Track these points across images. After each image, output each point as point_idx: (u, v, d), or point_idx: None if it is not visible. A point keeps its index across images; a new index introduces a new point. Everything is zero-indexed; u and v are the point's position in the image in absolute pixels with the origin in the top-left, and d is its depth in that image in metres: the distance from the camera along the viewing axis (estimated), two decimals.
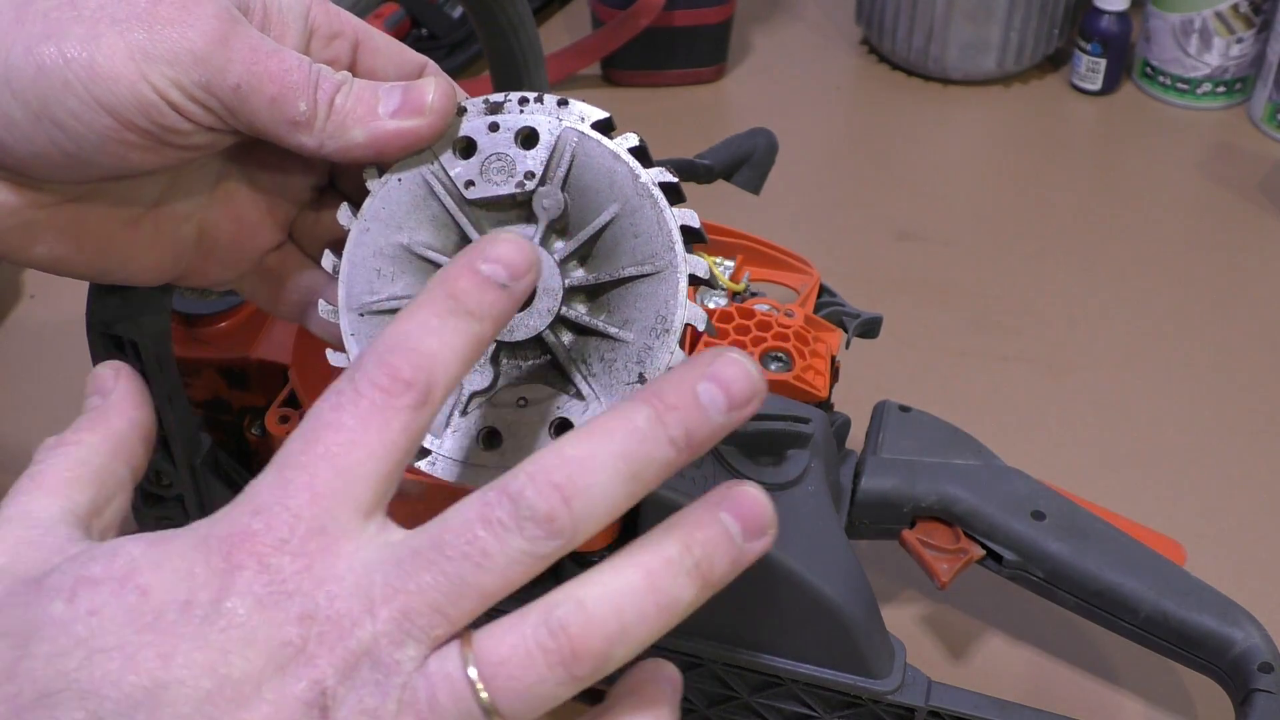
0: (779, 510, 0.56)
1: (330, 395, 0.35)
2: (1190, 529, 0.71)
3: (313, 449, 0.34)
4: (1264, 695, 0.57)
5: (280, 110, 0.42)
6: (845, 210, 1.02)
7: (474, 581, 0.33)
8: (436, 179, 0.44)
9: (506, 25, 0.72)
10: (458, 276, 0.36)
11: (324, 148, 0.43)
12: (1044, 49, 1.14)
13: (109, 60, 0.40)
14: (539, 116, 0.44)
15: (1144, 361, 0.88)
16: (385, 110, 0.43)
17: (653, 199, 0.42)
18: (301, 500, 0.33)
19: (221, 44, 0.41)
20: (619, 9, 1.10)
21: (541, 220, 0.42)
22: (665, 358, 0.41)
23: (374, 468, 0.34)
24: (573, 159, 0.43)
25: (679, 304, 0.41)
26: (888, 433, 0.65)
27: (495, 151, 0.44)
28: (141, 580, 0.32)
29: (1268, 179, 1.04)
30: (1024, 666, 0.68)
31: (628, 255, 0.42)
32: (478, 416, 0.41)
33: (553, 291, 0.41)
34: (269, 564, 0.32)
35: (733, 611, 0.57)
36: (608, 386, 0.40)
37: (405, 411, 0.34)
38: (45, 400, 0.83)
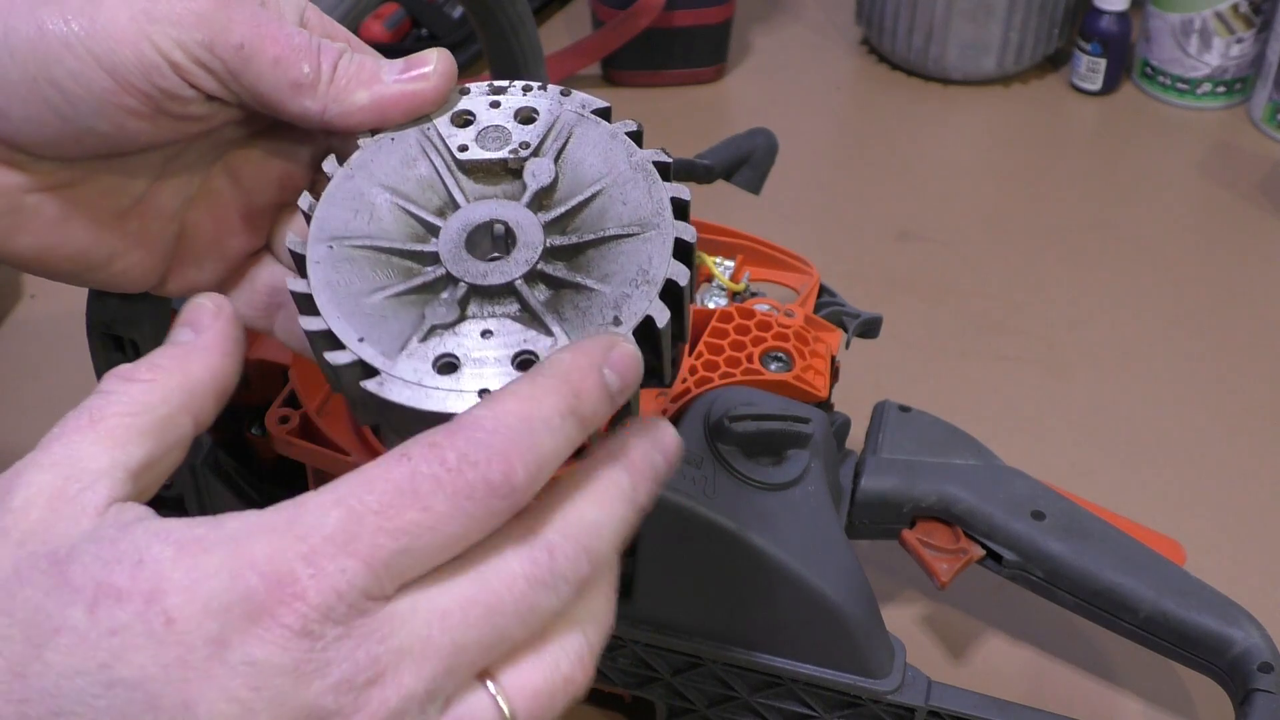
0: (779, 510, 0.56)
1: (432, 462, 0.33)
2: (1190, 529, 0.71)
3: (388, 516, 0.32)
4: (1264, 695, 0.57)
5: (284, 71, 0.41)
6: (845, 210, 1.02)
7: (513, 637, 0.33)
8: (430, 140, 0.43)
9: (506, 25, 0.72)
10: (585, 373, 0.35)
11: (327, 111, 0.42)
12: (1044, 49, 1.14)
13: (111, 20, 0.40)
14: (540, 100, 0.44)
15: (1144, 361, 0.88)
16: (388, 76, 0.43)
17: (645, 171, 0.42)
18: (357, 567, 0.31)
19: (224, 6, 0.41)
20: (619, 9, 1.10)
21: (531, 187, 0.42)
22: (643, 305, 0.39)
23: (439, 556, 0.33)
24: (569, 136, 0.43)
25: (664, 260, 0.40)
26: (888, 433, 0.65)
27: (493, 124, 0.44)
28: (170, 604, 0.31)
29: (1268, 179, 1.04)
30: (1024, 666, 0.68)
31: (614, 220, 0.41)
32: (436, 344, 0.39)
33: (533, 245, 0.40)
34: (311, 630, 0.31)
35: (733, 611, 0.57)
36: (578, 328, 0.39)
37: (499, 518, 0.33)
38: (45, 400, 0.83)
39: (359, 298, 0.40)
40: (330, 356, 0.38)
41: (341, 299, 0.39)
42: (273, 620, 0.31)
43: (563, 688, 0.34)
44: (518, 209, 0.41)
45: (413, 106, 0.43)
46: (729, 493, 0.56)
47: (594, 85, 1.14)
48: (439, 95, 0.43)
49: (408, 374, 0.38)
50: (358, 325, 0.39)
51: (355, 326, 0.39)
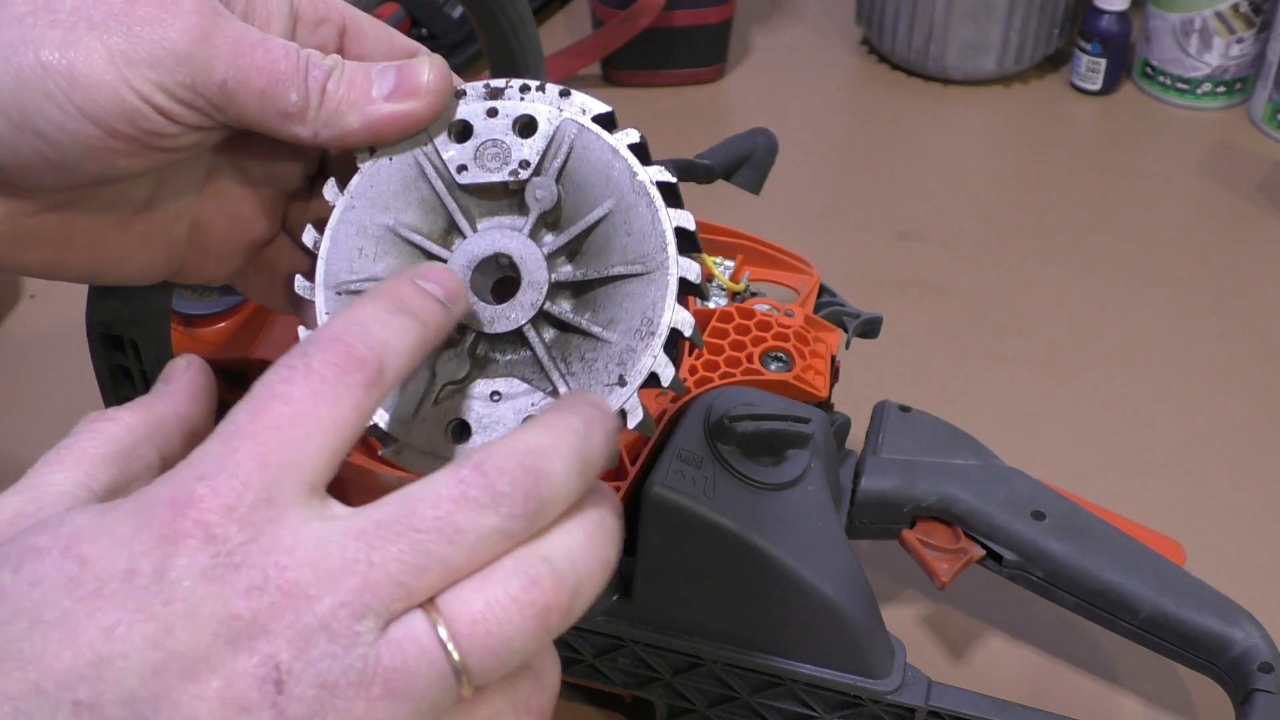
0: (779, 510, 0.56)
1: (280, 369, 0.34)
2: (1190, 529, 0.71)
3: (260, 419, 0.33)
4: (1264, 695, 0.57)
5: (271, 103, 0.41)
6: (845, 210, 1.02)
7: (441, 556, 0.33)
8: (429, 161, 0.43)
9: (506, 25, 0.72)
10: (399, 284, 0.37)
11: (318, 137, 0.42)
12: (1044, 49, 1.14)
13: (88, 66, 0.39)
14: (539, 105, 0.43)
15: (1144, 361, 0.88)
16: (379, 93, 0.42)
17: (649, 198, 0.41)
18: (249, 468, 0.32)
19: (203, 40, 0.40)
20: (619, 9, 1.10)
21: (533, 211, 0.41)
22: (648, 361, 0.39)
23: (323, 443, 0.33)
24: (570, 151, 0.42)
25: (667, 307, 0.40)
26: (888, 433, 0.65)
27: (491, 138, 0.43)
28: (83, 550, 0.32)
29: (1268, 179, 1.04)
30: (1024, 666, 0.68)
31: (618, 254, 0.41)
32: (449, 407, 0.39)
33: (538, 285, 0.40)
34: (214, 533, 0.32)
35: (733, 611, 0.57)
36: (586, 386, 0.39)
37: (357, 389, 0.34)
38: (45, 400, 0.83)
39: None
40: None
41: None
42: (174, 532, 0.32)
43: (514, 611, 0.33)
44: (521, 241, 0.41)
45: (405, 125, 0.43)
46: (729, 493, 0.56)
47: (594, 85, 1.14)
48: (432, 115, 0.43)
49: (423, 443, 0.39)
50: None
51: None
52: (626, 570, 0.58)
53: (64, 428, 0.39)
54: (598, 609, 0.59)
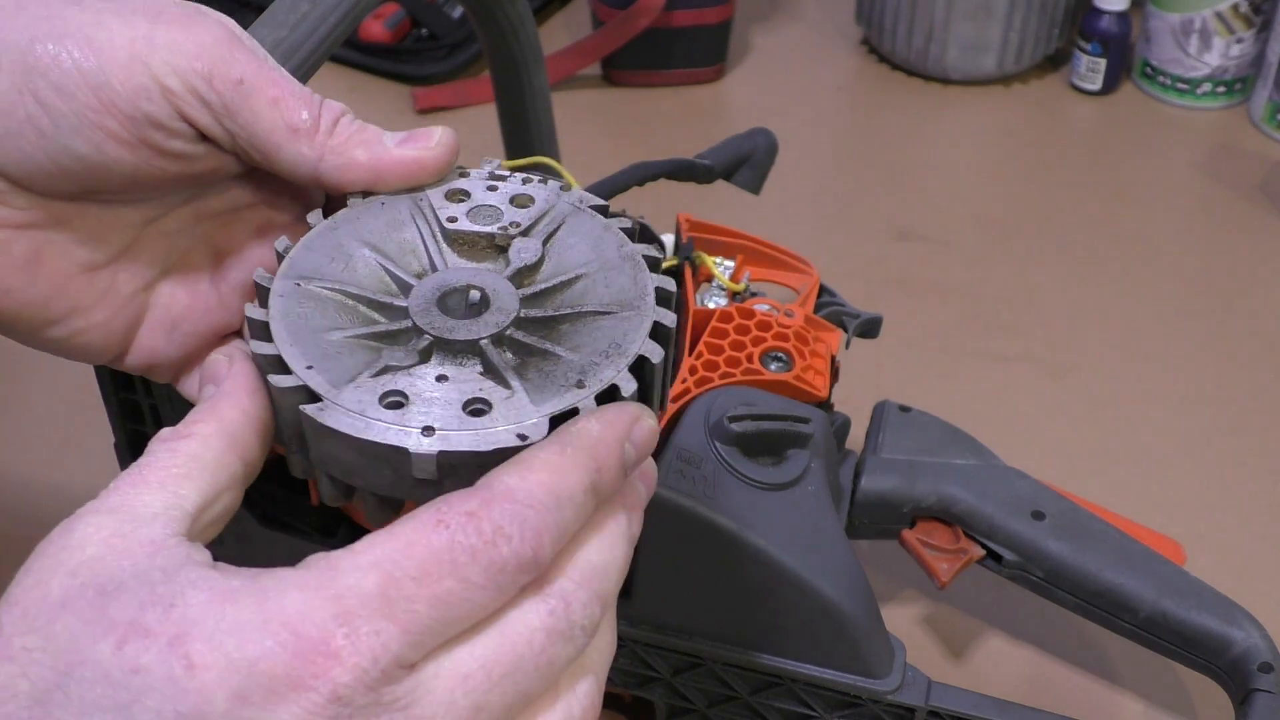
0: (779, 510, 0.56)
1: (467, 528, 0.33)
2: (1190, 529, 0.71)
3: (428, 583, 0.32)
4: (1264, 695, 0.57)
5: (282, 112, 0.40)
6: (845, 210, 1.02)
7: (532, 692, 0.33)
8: (420, 210, 0.43)
9: (506, 25, 0.72)
10: (609, 454, 0.36)
11: (323, 162, 0.41)
12: (1044, 49, 1.14)
13: (107, 40, 0.39)
14: (538, 190, 0.44)
15: (1144, 361, 0.88)
16: (390, 141, 0.42)
17: (635, 263, 0.41)
18: (396, 636, 0.31)
19: (227, 44, 0.40)
20: (619, 9, 1.10)
21: (515, 264, 0.41)
22: (610, 373, 0.38)
23: (468, 620, 0.33)
24: (561, 223, 0.43)
25: (639, 337, 0.39)
26: (888, 433, 0.65)
27: (487, 203, 0.43)
28: (193, 650, 0.30)
29: (1268, 179, 1.04)
30: (1024, 666, 0.68)
31: (593, 300, 0.41)
32: (388, 380, 0.38)
33: (506, 310, 0.40)
34: (340, 694, 0.30)
35: (733, 611, 0.57)
36: (540, 387, 0.38)
37: (522, 586, 0.33)
38: (45, 401, 0.83)
39: (316, 333, 0.39)
40: (274, 380, 0.38)
41: (298, 330, 0.39)
42: (304, 683, 0.30)
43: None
44: (497, 279, 0.41)
45: (411, 173, 0.42)
46: (729, 493, 0.56)
47: (594, 85, 1.14)
48: (439, 165, 0.43)
49: (351, 403, 0.37)
50: (309, 355, 0.38)
51: (306, 356, 0.38)
52: None
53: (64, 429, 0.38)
54: None
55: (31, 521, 0.74)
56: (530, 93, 0.78)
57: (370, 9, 0.63)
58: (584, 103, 1.12)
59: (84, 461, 0.75)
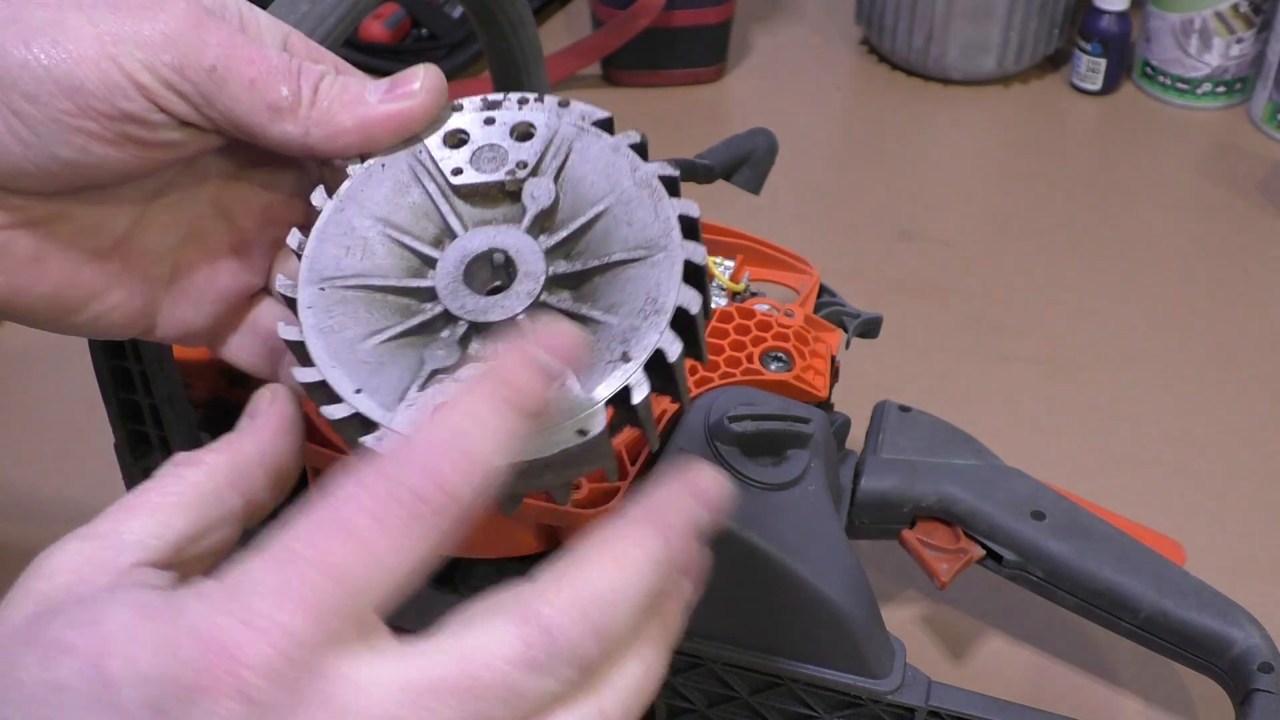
0: (779, 510, 0.56)
1: (356, 485, 0.31)
2: (1190, 529, 0.71)
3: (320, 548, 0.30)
4: (1264, 695, 0.57)
5: (260, 94, 0.39)
6: (845, 210, 1.02)
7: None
8: (422, 165, 0.41)
9: (506, 25, 0.72)
10: (515, 370, 0.33)
11: (309, 136, 0.40)
12: (1044, 49, 1.14)
13: (74, 41, 0.38)
14: (537, 114, 0.42)
15: (1144, 361, 0.88)
16: (373, 96, 0.41)
17: (651, 189, 0.40)
18: (301, 620, 0.30)
19: (196, 28, 0.39)
20: (619, 9, 1.10)
21: (530, 210, 0.40)
22: (653, 337, 0.37)
23: (391, 588, 0.31)
24: (569, 152, 0.41)
25: (672, 286, 0.38)
26: (888, 433, 0.65)
27: (488, 143, 0.42)
28: (112, 666, 0.29)
29: (1268, 179, 1.04)
30: (1024, 666, 0.68)
31: (619, 243, 0.39)
32: (437, 391, 0.37)
33: (534, 275, 0.38)
34: (252, 695, 0.29)
35: (733, 611, 0.57)
36: (585, 365, 0.37)
37: (443, 530, 0.31)
38: (43, 403, 0.83)
39: (354, 344, 0.38)
40: (327, 411, 0.37)
41: (336, 346, 0.38)
42: (213, 687, 0.29)
43: None
44: (518, 236, 0.40)
45: (400, 126, 0.41)
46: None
47: (594, 85, 1.14)
48: (427, 113, 0.41)
49: (409, 428, 0.36)
50: (354, 375, 0.37)
51: (352, 376, 0.37)
52: None
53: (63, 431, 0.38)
54: None
55: (31, 522, 0.74)
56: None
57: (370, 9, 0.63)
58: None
59: (84, 461, 0.75)
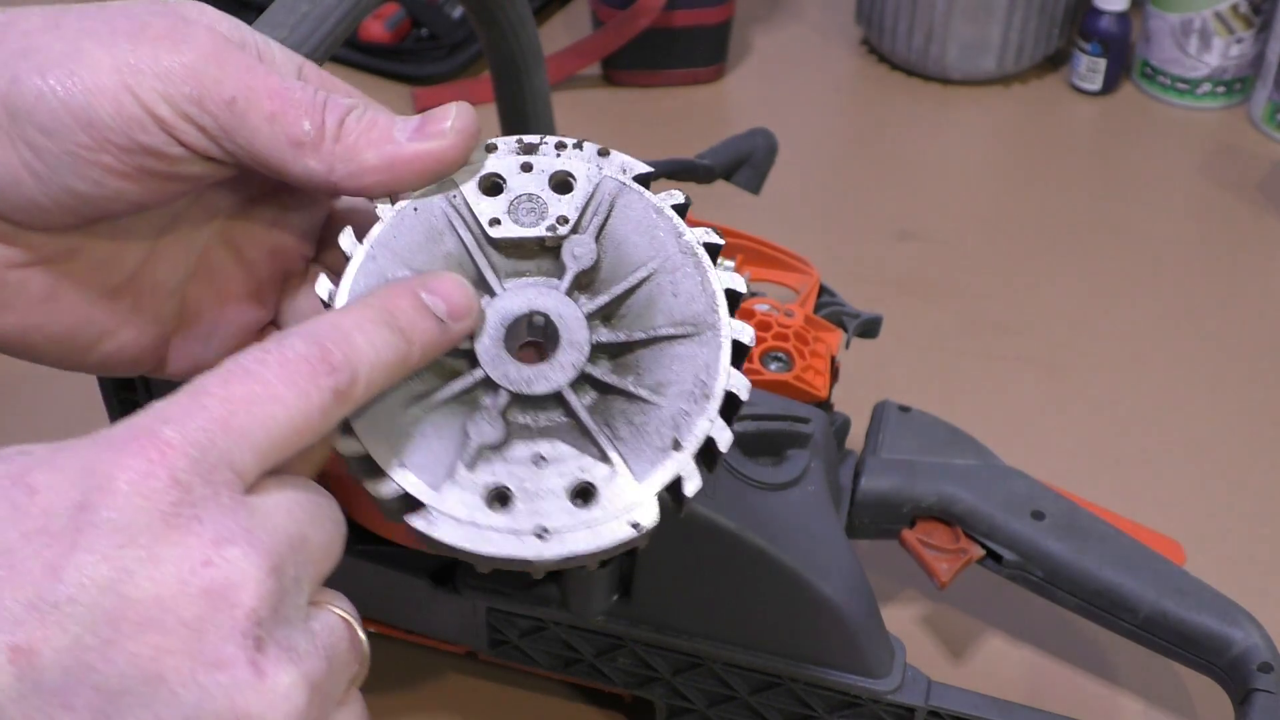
0: (779, 510, 0.56)
1: (255, 350, 0.34)
2: (1190, 529, 0.71)
3: (230, 387, 0.33)
4: (1263, 695, 0.57)
5: (281, 127, 0.38)
6: (845, 210, 1.02)
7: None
8: (457, 212, 0.40)
9: (506, 26, 0.72)
10: (396, 294, 0.36)
11: (334, 173, 0.38)
12: (1044, 49, 1.14)
13: (91, 72, 0.37)
14: (577, 163, 0.41)
15: (1144, 361, 0.88)
16: (402, 134, 0.39)
17: (696, 258, 0.39)
18: (215, 428, 0.32)
19: (215, 59, 0.38)
20: (619, 9, 1.10)
21: (571, 269, 0.39)
22: (704, 425, 0.36)
23: (286, 428, 0.33)
24: (611, 209, 0.40)
25: (721, 370, 0.37)
26: (888, 433, 0.65)
27: (526, 192, 0.40)
28: (33, 479, 0.30)
29: (1268, 179, 1.04)
30: (1024, 666, 0.68)
31: (664, 315, 0.38)
32: (487, 472, 0.36)
33: (578, 345, 0.37)
34: (180, 479, 0.31)
35: (733, 611, 0.57)
36: (636, 450, 0.36)
37: (328, 392, 0.34)
38: (44, 401, 0.83)
39: (394, 412, 0.37)
40: (371, 488, 0.36)
41: (376, 415, 0.36)
42: (136, 469, 0.30)
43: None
44: (559, 299, 0.38)
45: (429, 167, 0.39)
46: (729, 493, 0.56)
47: (594, 85, 1.14)
48: (459, 155, 0.40)
49: (458, 510, 0.36)
50: (397, 447, 0.36)
51: (395, 449, 0.36)
52: (626, 570, 0.58)
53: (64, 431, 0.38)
54: (598, 609, 0.59)
55: None
56: (530, 93, 0.78)
57: (370, 9, 0.63)
58: (584, 103, 1.12)
59: None
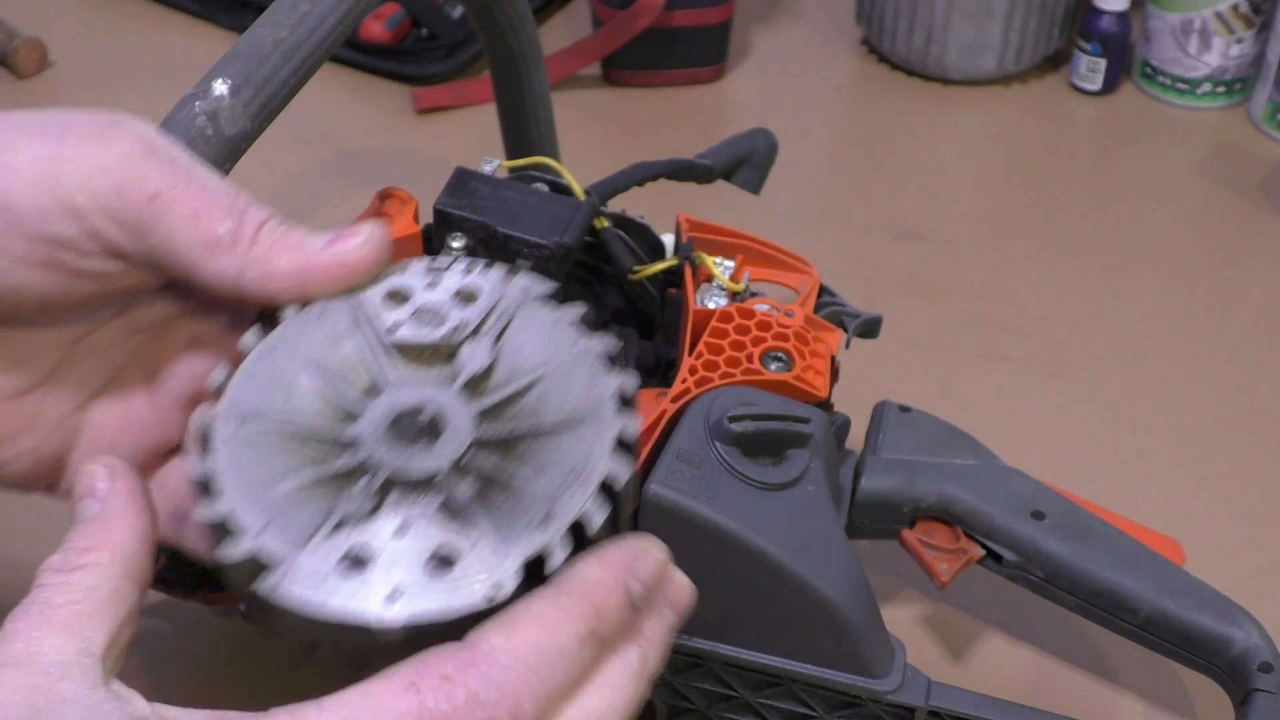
0: (779, 510, 0.56)
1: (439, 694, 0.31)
2: (1190, 529, 0.71)
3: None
4: (1263, 695, 0.57)
5: (200, 227, 0.38)
6: (845, 210, 1.02)
7: None
8: (359, 318, 0.40)
9: (506, 25, 0.72)
10: (608, 595, 0.34)
11: (245, 273, 0.38)
12: (1044, 49, 1.14)
13: (14, 161, 0.36)
14: (482, 280, 0.41)
15: (1144, 361, 0.88)
16: (315, 245, 0.40)
17: (589, 362, 0.39)
18: None
19: (141, 157, 0.38)
20: (619, 9, 1.10)
21: (465, 371, 0.39)
22: (576, 505, 0.36)
23: None
24: (511, 319, 0.40)
25: (600, 456, 0.37)
26: (888, 433, 0.65)
27: (430, 303, 0.41)
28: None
29: (1268, 179, 1.04)
30: (1024, 666, 0.68)
31: (552, 412, 0.39)
32: (345, 540, 0.36)
33: (460, 435, 0.37)
34: None
35: (733, 611, 0.57)
36: (504, 526, 0.36)
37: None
38: None
39: (267, 485, 0.36)
40: (223, 553, 0.35)
41: (246, 485, 0.36)
42: None
43: None
44: (448, 395, 0.39)
45: (339, 277, 0.40)
46: (729, 493, 0.56)
47: (594, 85, 1.14)
48: (369, 266, 0.40)
49: (308, 573, 0.35)
50: (261, 515, 0.36)
51: (258, 516, 0.36)
52: None
53: None
54: None
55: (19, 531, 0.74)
56: (530, 93, 0.78)
57: (370, 9, 0.63)
58: (584, 103, 1.12)
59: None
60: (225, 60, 0.59)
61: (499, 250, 0.66)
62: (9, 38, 1.09)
